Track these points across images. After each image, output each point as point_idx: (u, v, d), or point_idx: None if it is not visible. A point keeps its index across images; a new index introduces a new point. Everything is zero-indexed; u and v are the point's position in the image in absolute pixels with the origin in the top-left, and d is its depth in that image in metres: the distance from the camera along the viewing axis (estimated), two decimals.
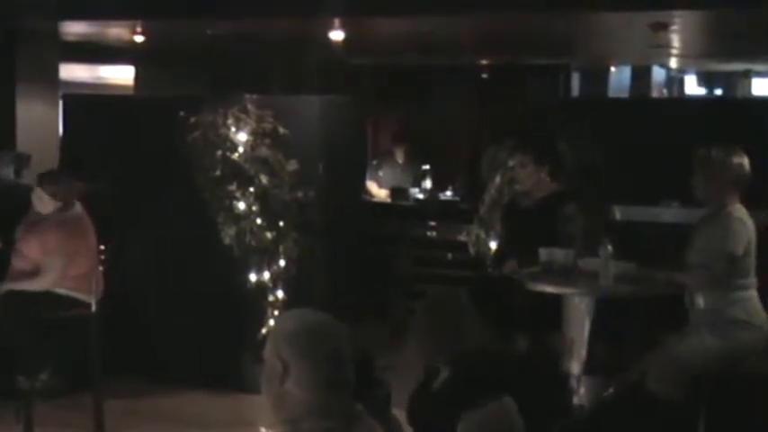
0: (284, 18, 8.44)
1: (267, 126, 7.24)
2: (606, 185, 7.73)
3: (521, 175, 6.33)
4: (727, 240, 5.30)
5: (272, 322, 7.17)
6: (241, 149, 7.23)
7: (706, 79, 16.68)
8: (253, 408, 6.97)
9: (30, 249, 6.53)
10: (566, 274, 5.69)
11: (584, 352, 5.79)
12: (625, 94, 14.19)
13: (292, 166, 7.27)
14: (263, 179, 7.24)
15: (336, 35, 8.86)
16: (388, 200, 10.77)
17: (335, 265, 7.91)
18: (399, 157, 11.37)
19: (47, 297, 6.50)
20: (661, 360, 5.39)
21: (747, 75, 15.44)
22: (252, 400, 7.02)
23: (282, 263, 7.31)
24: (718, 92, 16.38)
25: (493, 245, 7.46)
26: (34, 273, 6.53)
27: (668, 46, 10.53)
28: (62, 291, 6.55)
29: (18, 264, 6.59)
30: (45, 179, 6.75)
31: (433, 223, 9.86)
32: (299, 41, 10.42)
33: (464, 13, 7.84)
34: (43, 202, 6.61)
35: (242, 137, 7.22)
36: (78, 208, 6.75)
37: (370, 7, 7.70)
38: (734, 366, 5.33)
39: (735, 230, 5.32)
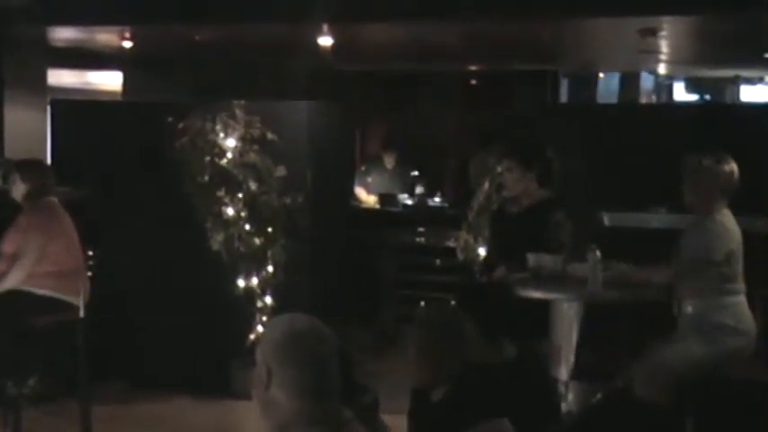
0: (273, 24, 8.45)
1: (255, 132, 7.23)
2: (595, 191, 7.74)
3: (508, 180, 6.30)
4: (706, 243, 5.30)
5: (260, 328, 7.18)
6: (229, 155, 7.23)
7: (694, 85, 16.69)
8: (240, 414, 6.97)
9: (7, 244, 6.52)
10: (554, 280, 5.69)
11: (572, 357, 5.79)
12: (614, 101, 14.20)
13: (281, 171, 7.28)
14: (252, 185, 7.24)
15: (325, 41, 8.86)
16: (377, 206, 10.78)
17: (324, 270, 7.91)
18: (388, 162, 11.40)
19: (32, 299, 6.47)
20: (648, 366, 5.38)
21: (736, 81, 15.46)
22: (240, 406, 7.01)
23: (271, 269, 7.31)
24: (707, 98, 16.39)
25: (481, 251, 7.46)
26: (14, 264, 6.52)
27: (657, 52, 10.56)
28: (47, 292, 6.51)
29: (1, 266, 6.58)
30: (21, 165, 6.82)
31: (421, 229, 9.86)
32: (287, 47, 10.42)
33: (453, 19, 7.86)
34: (17, 187, 6.65)
35: (230, 143, 7.23)
36: (53, 199, 6.73)
37: (359, 13, 7.71)
38: (721, 372, 5.34)
39: (715, 235, 5.31)
